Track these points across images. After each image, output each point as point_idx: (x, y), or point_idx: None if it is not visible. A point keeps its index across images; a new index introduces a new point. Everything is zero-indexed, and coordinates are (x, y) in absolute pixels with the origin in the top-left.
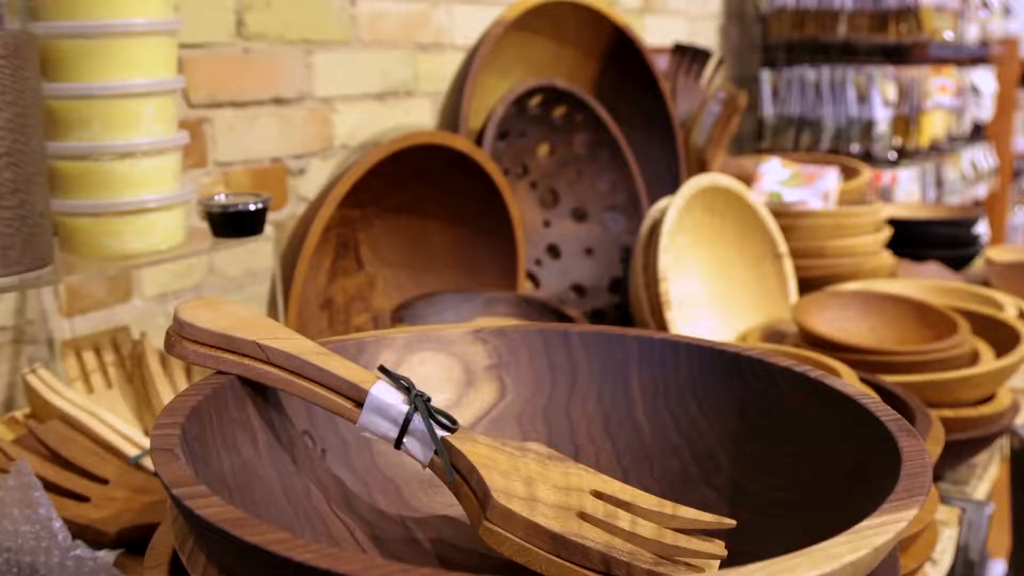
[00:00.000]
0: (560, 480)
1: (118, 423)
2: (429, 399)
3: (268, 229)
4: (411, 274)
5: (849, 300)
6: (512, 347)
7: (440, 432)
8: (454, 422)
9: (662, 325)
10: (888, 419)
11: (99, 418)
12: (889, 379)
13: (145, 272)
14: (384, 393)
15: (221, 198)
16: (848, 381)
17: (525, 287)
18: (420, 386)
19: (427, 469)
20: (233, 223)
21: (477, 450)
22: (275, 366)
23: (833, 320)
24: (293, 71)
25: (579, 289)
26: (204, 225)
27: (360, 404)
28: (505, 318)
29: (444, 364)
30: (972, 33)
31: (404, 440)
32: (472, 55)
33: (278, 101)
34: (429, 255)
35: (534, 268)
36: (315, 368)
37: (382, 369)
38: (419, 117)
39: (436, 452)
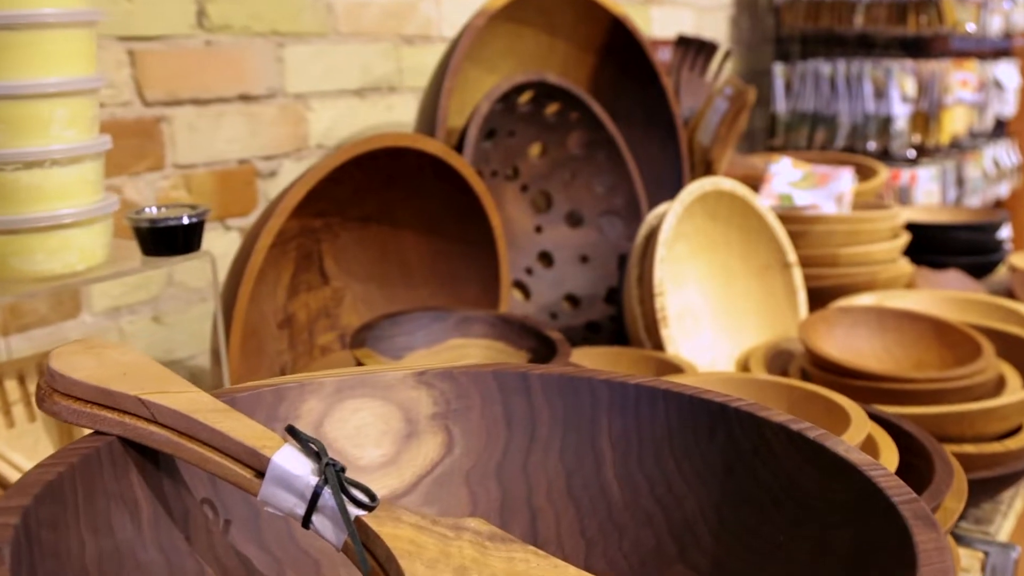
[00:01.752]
0: (501, 569)
1: (28, 466)
2: (343, 469)
3: (234, 235)
4: (382, 289)
5: (861, 317)
6: (461, 392)
7: (355, 511)
8: (373, 497)
9: (658, 343)
10: (902, 500)
11: (7, 460)
12: (906, 411)
13: (95, 285)
14: (289, 461)
15: (151, 211)
16: (858, 423)
17: (509, 302)
18: (352, 440)
19: (342, 552)
20: (164, 239)
21: (399, 533)
22: (161, 426)
23: (844, 339)
24: (262, 65)
25: (573, 299)
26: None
27: (262, 474)
28: (480, 339)
29: (381, 413)
30: (995, 25)
31: (313, 518)
32: (452, 48)
33: (245, 98)
34: (402, 268)
35: (525, 277)
36: (207, 429)
37: (290, 430)
38: (403, 114)
39: (350, 535)
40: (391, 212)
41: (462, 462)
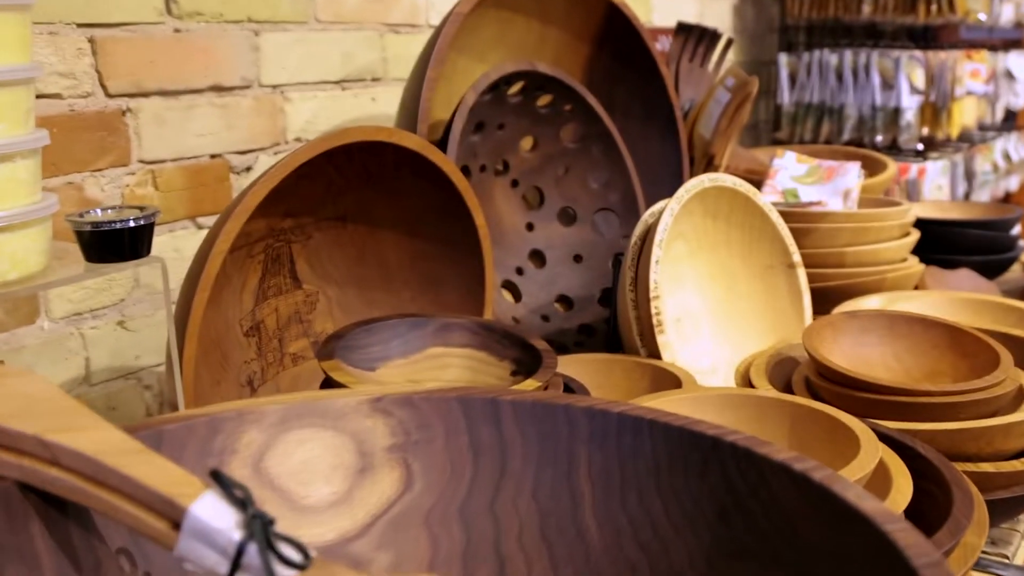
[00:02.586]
0: None
1: None
2: (271, 522)
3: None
4: (360, 292)
5: (870, 323)
6: (423, 421)
7: (283, 571)
8: (306, 555)
9: (654, 351)
10: (924, 562)
11: None
12: (919, 427)
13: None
14: (210, 512)
15: (96, 212)
16: (868, 448)
17: (497, 304)
18: (298, 476)
19: None
20: (108, 244)
21: None
22: (64, 469)
23: (851, 347)
24: (236, 55)
25: (566, 301)
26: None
27: (179, 525)
28: (461, 348)
29: (331, 445)
30: (1007, 14)
31: None
32: (436, 36)
33: (218, 89)
34: (381, 270)
35: (515, 277)
36: (117, 474)
37: (215, 475)
38: (388, 106)
39: None
40: (369, 211)
41: (422, 500)
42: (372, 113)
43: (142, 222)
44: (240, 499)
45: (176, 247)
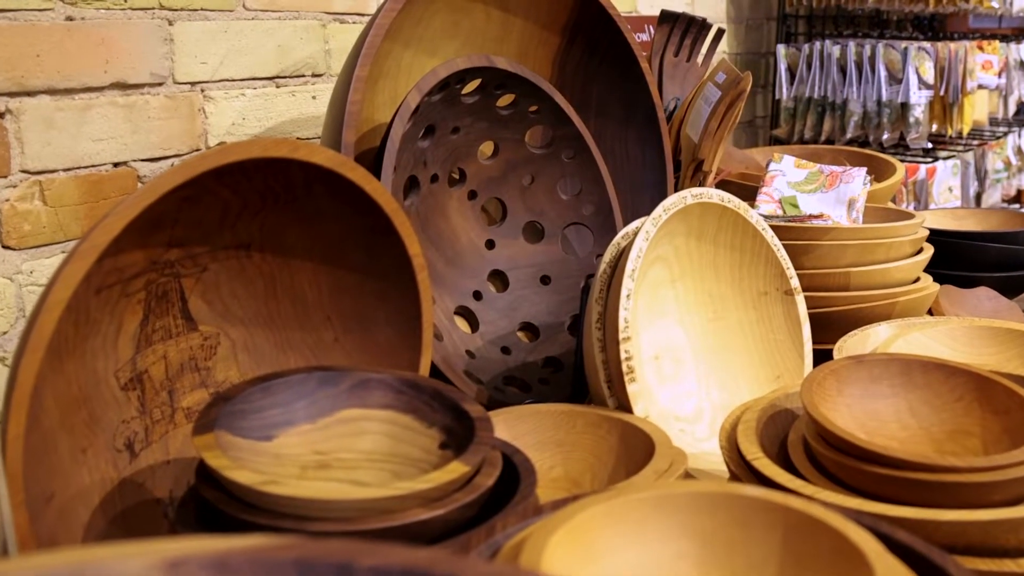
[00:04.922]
0: None
1: None
2: None
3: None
4: (271, 333)
5: (882, 369)
6: None
7: None
8: None
9: (624, 400)
10: None
11: None
12: (946, 517)
13: None
14: None
15: None
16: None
17: (445, 339)
18: None
19: None
20: None
21: None
22: None
23: (860, 399)
24: (144, 47)
25: (531, 329)
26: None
27: None
28: (382, 410)
29: None
30: (1020, 2)
31: None
32: (367, 29)
33: (122, 87)
34: (296, 307)
35: (472, 303)
36: None
37: None
38: None
39: None
40: (278, 237)
41: None
42: (313, 113)
43: None
44: None
45: None
